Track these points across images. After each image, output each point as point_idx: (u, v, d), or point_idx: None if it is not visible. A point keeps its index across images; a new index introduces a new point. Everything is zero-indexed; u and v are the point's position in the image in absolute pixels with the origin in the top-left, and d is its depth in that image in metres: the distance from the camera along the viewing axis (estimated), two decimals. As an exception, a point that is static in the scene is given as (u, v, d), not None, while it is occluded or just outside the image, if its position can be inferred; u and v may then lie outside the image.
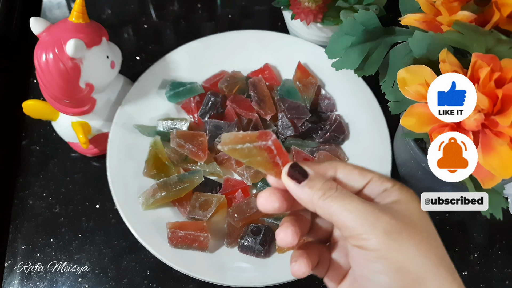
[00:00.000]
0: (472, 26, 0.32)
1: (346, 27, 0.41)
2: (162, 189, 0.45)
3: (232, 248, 0.44)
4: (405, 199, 0.27)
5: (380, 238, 0.24)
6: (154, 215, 0.45)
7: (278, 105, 0.50)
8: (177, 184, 0.45)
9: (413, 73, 0.33)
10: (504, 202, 0.35)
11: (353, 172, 0.28)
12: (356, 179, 0.28)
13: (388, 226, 0.24)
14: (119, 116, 0.48)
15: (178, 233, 0.43)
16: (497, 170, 0.30)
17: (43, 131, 0.53)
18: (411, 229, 0.25)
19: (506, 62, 0.30)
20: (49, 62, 0.39)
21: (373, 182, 0.27)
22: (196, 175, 0.46)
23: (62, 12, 0.63)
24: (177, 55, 0.53)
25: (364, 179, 0.28)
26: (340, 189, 0.26)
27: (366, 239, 0.24)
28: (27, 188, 0.50)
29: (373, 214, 0.25)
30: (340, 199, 0.25)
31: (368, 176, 0.27)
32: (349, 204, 0.25)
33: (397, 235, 0.24)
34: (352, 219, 0.25)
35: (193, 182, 0.45)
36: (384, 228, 0.24)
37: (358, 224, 0.25)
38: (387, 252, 0.24)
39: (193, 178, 0.45)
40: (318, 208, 0.26)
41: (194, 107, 0.50)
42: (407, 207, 0.26)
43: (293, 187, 0.26)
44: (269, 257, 0.43)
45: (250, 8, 0.62)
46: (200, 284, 0.43)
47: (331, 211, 0.25)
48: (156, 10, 0.62)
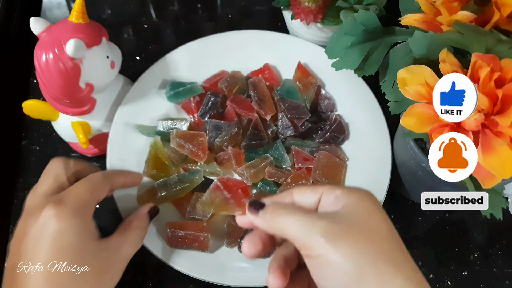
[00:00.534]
0: (472, 26, 0.32)
1: (346, 27, 0.41)
2: (162, 189, 0.45)
3: (232, 248, 0.44)
4: (352, 201, 0.28)
5: (318, 242, 0.26)
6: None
7: (278, 105, 0.50)
8: (177, 184, 0.45)
9: (413, 73, 0.33)
10: (504, 202, 0.35)
11: (305, 192, 0.30)
12: (309, 196, 0.30)
13: (324, 230, 0.26)
14: (119, 116, 0.48)
15: (177, 233, 0.43)
16: (497, 170, 0.30)
17: (43, 131, 0.53)
18: (350, 229, 0.26)
19: (506, 62, 0.30)
20: (49, 62, 0.39)
21: (325, 194, 0.29)
22: (196, 175, 0.46)
23: (62, 12, 0.63)
24: (177, 55, 0.53)
25: (316, 194, 0.30)
26: (287, 207, 0.29)
27: (309, 248, 0.26)
28: (27, 188, 0.50)
29: (310, 221, 0.27)
30: (284, 214, 0.28)
31: (319, 191, 0.30)
32: (291, 217, 0.28)
33: (333, 237, 0.26)
34: (294, 229, 0.27)
35: (193, 182, 0.45)
36: (320, 233, 0.26)
37: (300, 233, 0.27)
38: (327, 256, 0.25)
39: (193, 178, 0.45)
40: (271, 228, 0.29)
41: (194, 107, 0.50)
42: (352, 209, 0.28)
43: (253, 218, 0.30)
44: (268, 257, 0.43)
45: (250, 8, 0.62)
46: (200, 284, 0.43)
47: (279, 227, 0.28)
48: (156, 10, 0.62)
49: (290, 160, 0.48)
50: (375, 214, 0.28)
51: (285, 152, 0.48)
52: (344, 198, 0.29)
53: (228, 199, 0.44)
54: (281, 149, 0.48)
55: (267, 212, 0.29)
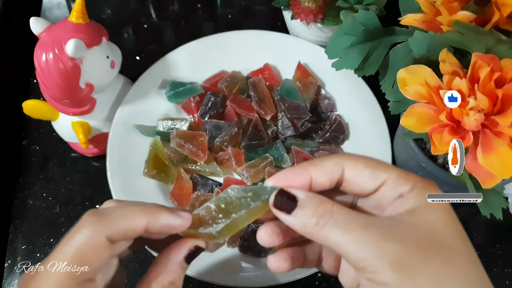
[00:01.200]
0: (472, 26, 0.32)
1: (346, 27, 0.41)
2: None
3: (232, 248, 0.44)
4: (423, 207, 0.22)
5: (388, 271, 0.20)
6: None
7: (278, 105, 0.50)
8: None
9: (413, 73, 0.33)
10: (504, 202, 0.35)
11: (362, 173, 0.23)
12: (365, 181, 0.23)
13: (396, 256, 0.20)
14: (119, 116, 0.48)
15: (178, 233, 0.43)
16: (497, 170, 0.30)
17: (43, 131, 0.53)
18: (427, 252, 0.21)
19: (506, 62, 0.30)
20: (49, 62, 0.39)
21: (386, 185, 0.23)
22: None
23: (62, 12, 0.63)
24: (177, 55, 0.53)
25: (376, 182, 0.23)
26: (336, 213, 0.22)
27: (373, 273, 0.21)
28: (27, 188, 0.50)
29: (376, 243, 0.21)
30: (336, 227, 0.22)
31: (381, 178, 0.23)
32: (347, 233, 0.21)
33: (408, 264, 0.20)
34: (353, 251, 0.21)
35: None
36: (391, 259, 0.20)
37: (361, 256, 0.21)
38: (398, 286, 0.20)
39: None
40: (315, 239, 0.22)
41: (194, 107, 0.50)
42: (425, 218, 0.22)
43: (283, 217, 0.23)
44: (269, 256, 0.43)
45: (250, 8, 0.62)
46: (200, 284, 0.43)
47: (329, 242, 0.22)
48: (156, 10, 0.62)
49: (290, 160, 0.48)
50: (451, 225, 0.22)
51: (285, 152, 0.48)
52: (413, 200, 0.22)
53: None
54: (281, 149, 0.48)
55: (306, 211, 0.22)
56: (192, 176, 0.48)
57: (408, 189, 0.23)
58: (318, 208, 0.22)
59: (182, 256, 0.25)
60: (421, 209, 0.22)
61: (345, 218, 0.22)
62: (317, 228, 0.22)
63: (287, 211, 0.23)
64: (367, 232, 0.21)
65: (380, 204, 0.24)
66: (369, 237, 0.21)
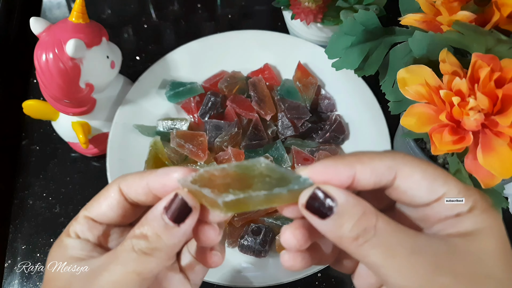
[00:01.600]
0: (472, 26, 0.32)
1: (346, 27, 0.41)
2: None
3: (232, 248, 0.44)
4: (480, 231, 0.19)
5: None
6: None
7: (278, 105, 0.50)
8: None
9: (413, 73, 0.33)
10: (504, 202, 0.35)
11: (419, 185, 0.20)
12: (420, 195, 0.20)
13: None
14: (119, 116, 0.48)
15: None
16: (497, 170, 0.30)
17: (43, 131, 0.53)
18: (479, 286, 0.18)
19: (506, 62, 0.30)
20: (49, 62, 0.39)
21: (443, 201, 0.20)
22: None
23: (62, 12, 0.63)
24: (177, 55, 0.53)
25: (432, 196, 0.20)
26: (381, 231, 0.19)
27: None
28: (27, 188, 0.50)
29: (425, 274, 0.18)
30: (379, 248, 0.18)
31: (438, 193, 0.20)
32: (391, 257, 0.18)
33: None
34: (395, 279, 0.18)
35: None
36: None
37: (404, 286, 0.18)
38: None
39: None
40: (350, 253, 0.19)
41: (194, 107, 0.50)
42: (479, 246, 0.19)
43: (315, 221, 0.19)
44: (268, 257, 0.43)
45: (250, 8, 0.62)
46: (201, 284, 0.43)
47: (367, 262, 0.19)
48: (156, 10, 0.62)
49: (290, 160, 0.48)
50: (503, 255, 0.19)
51: (285, 152, 0.48)
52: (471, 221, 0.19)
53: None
54: (281, 149, 0.48)
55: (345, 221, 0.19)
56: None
57: (467, 209, 0.19)
58: (360, 221, 0.19)
59: (162, 207, 0.21)
60: (477, 234, 0.19)
61: (390, 238, 0.19)
62: (355, 244, 0.19)
63: (320, 215, 0.19)
64: (415, 259, 0.18)
65: (428, 219, 0.20)
66: (417, 266, 0.18)
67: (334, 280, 0.45)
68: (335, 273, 0.45)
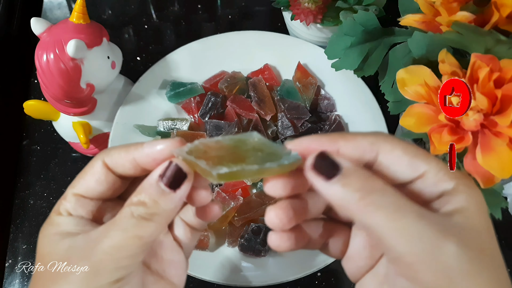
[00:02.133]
0: (471, 26, 0.32)
1: (346, 28, 0.41)
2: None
3: (232, 248, 0.44)
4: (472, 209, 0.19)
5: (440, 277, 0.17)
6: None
7: (278, 105, 0.50)
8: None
9: (412, 73, 0.33)
10: (504, 202, 0.35)
11: (400, 160, 0.20)
12: (402, 170, 0.20)
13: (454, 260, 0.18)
14: (119, 116, 0.48)
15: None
16: (496, 170, 0.30)
17: (44, 131, 0.53)
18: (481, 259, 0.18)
19: (505, 62, 0.30)
20: (50, 63, 0.39)
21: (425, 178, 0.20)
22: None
23: (63, 12, 0.63)
24: (177, 55, 0.53)
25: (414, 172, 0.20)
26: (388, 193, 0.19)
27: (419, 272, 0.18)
28: (28, 188, 0.50)
29: (433, 240, 0.18)
30: (386, 209, 0.18)
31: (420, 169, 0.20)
32: (397, 219, 0.18)
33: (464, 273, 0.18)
34: (399, 242, 0.18)
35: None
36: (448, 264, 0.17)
37: (411, 252, 0.18)
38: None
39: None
40: (353, 215, 0.19)
41: (194, 107, 0.51)
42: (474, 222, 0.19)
43: (320, 184, 0.19)
44: (268, 256, 0.43)
45: (250, 8, 0.62)
46: (200, 284, 0.43)
47: (370, 224, 0.18)
48: (156, 10, 0.63)
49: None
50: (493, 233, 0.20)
51: (285, 152, 0.48)
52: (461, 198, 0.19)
53: (225, 199, 0.44)
54: (281, 149, 0.48)
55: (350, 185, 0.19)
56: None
57: (452, 187, 0.20)
58: (368, 181, 0.19)
59: (157, 174, 0.22)
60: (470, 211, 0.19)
61: (398, 200, 0.18)
62: (360, 204, 0.18)
63: (327, 175, 0.19)
64: (422, 224, 0.18)
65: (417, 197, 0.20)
66: (423, 230, 0.18)
67: (334, 280, 0.45)
68: (335, 273, 0.45)
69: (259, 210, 0.44)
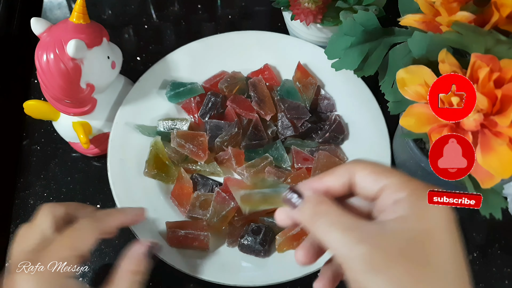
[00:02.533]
0: (471, 26, 0.32)
1: (346, 28, 0.41)
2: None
3: (232, 248, 0.44)
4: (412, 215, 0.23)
5: (355, 269, 0.23)
6: (155, 215, 0.45)
7: (278, 105, 0.50)
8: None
9: (412, 73, 0.33)
10: (503, 202, 0.36)
11: (367, 178, 0.25)
12: (368, 186, 0.25)
13: (363, 259, 0.22)
14: (119, 116, 0.48)
15: (178, 233, 0.43)
16: (496, 170, 0.30)
17: (44, 131, 0.53)
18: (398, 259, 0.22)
19: (505, 62, 0.30)
20: (50, 63, 0.39)
21: (386, 190, 0.24)
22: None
23: (63, 12, 0.63)
24: (177, 55, 0.53)
25: (376, 186, 0.25)
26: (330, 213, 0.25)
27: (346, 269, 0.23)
28: (28, 188, 0.50)
29: (349, 243, 0.23)
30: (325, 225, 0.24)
31: (381, 183, 0.24)
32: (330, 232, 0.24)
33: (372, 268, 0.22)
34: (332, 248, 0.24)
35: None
36: (359, 261, 0.22)
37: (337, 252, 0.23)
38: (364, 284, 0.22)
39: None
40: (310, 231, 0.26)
41: (194, 107, 0.51)
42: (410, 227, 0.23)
43: (289, 211, 0.27)
44: (268, 256, 0.43)
45: (250, 8, 0.62)
46: (201, 284, 0.43)
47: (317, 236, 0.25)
48: (156, 10, 0.63)
49: (290, 160, 0.48)
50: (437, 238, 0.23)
51: (285, 152, 0.48)
52: (405, 206, 0.23)
53: (225, 199, 0.44)
54: (281, 149, 0.48)
55: (305, 208, 0.26)
56: (193, 176, 0.48)
57: (404, 196, 0.24)
58: (316, 207, 0.25)
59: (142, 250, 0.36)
60: (409, 218, 0.23)
61: (333, 219, 0.24)
62: (311, 222, 0.25)
63: (293, 205, 0.26)
64: (345, 233, 0.23)
65: (381, 209, 0.25)
66: (345, 238, 0.23)
67: (334, 280, 0.45)
68: (335, 273, 0.45)
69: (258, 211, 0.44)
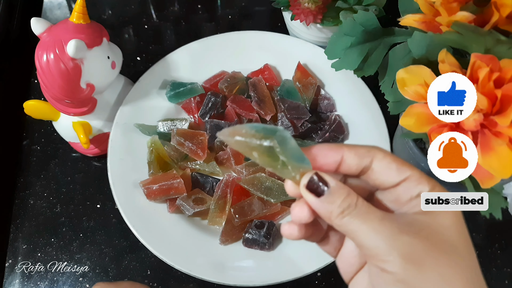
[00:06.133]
0: (471, 26, 0.32)
1: (346, 28, 0.41)
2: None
3: (232, 247, 0.44)
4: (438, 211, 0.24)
5: (398, 261, 0.22)
6: (155, 214, 0.45)
7: (278, 105, 0.50)
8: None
9: (412, 73, 0.33)
10: (503, 202, 0.35)
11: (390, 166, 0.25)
12: (391, 174, 0.25)
13: (408, 248, 0.22)
14: (120, 116, 0.49)
15: (152, 188, 0.45)
16: (496, 170, 0.30)
17: (44, 131, 0.53)
18: (437, 250, 0.22)
19: (505, 62, 0.30)
20: (50, 63, 0.39)
21: (409, 181, 0.24)
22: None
23: (63, 12, 0.63)
24: (177, 55, 0.53)
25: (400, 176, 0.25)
26: (360, 206, 0.24)
27: (384, 261, 0.22)
28: (28, 188, 0.50)
29: (391, 234, 0.23)
30: (358, 218, 0.23)
31: (405, 174, 0.24)
32: (365, 222, 0.23)
33: (417, 258, 0.22)
34: (368, 239, 0.23)
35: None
36: (402, 251, 0.22)
37: (375, 244, 0.23)
38: (405, 277, 0.22)
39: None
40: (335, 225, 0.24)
41: (194, 107, 0.51)
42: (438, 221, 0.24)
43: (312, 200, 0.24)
44: (273, 250, 0.43)
45: (250, 8, 0.62)
46: (200, 283, 0.44)
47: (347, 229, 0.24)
48: (156, 10, 0.63)
49: (290, 160, 0.48)
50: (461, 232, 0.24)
51: (285, 152, 0.48)
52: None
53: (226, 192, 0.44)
54: (281, 149, 0.48)
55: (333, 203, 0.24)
56: (192, 175, 0.48)
57: (427, 190, 0.24)
58: (346, 199, 0.24)
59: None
60: (436, 212, 0.24)
61: (366, 210, 0.24)
62: (340, 216, 0.24)
63: (317, 194, 0.24)
64: (384, 223, 0.23)
65: (399, 199, 0.25)
66: (385, 228, 0.23)
67: (334, 280, 0.45)
68: (335, 273, 0.45)
69: (259, 214, 0.44)
